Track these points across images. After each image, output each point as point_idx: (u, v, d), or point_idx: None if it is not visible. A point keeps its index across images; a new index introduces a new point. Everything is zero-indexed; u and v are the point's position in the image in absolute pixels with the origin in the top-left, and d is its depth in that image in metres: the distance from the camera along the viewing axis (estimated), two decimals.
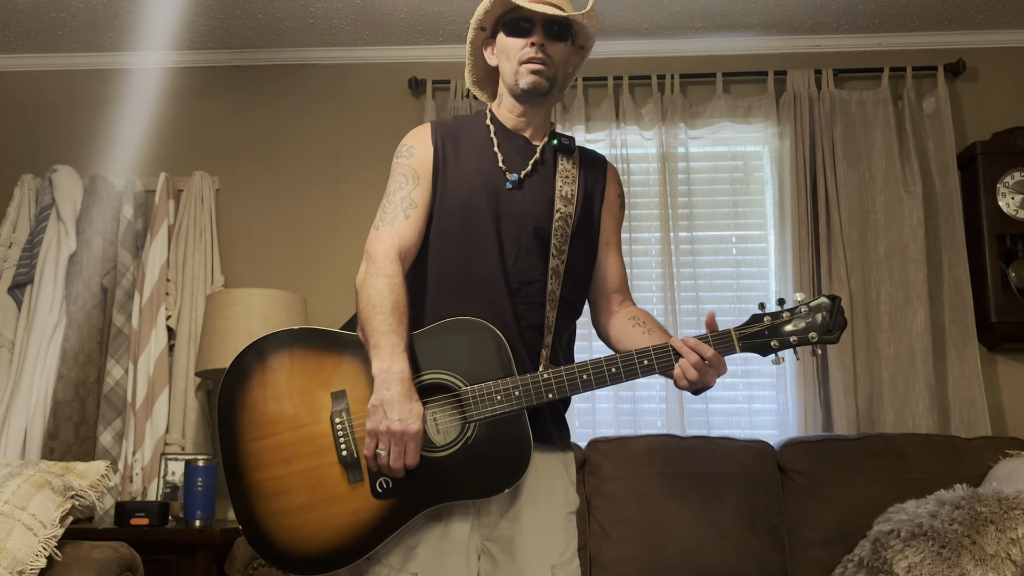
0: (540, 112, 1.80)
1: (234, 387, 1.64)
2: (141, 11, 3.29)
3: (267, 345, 1.67)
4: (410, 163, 1.76)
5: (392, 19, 3.35)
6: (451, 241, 1.72)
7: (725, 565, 2.65)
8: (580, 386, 1.62)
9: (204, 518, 2.73)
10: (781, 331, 1.64)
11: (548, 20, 1.71)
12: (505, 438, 1.59)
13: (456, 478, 1.58)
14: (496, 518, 1.65)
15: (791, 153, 3.29)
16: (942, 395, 3.14)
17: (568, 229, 1.74)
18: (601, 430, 3.18)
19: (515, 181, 1.74)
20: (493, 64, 1.82)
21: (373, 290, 1.62)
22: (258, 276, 3.42)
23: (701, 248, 3.35)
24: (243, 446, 1.62)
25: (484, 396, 1.58)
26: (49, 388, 3.18)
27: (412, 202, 1.73)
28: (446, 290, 1.70)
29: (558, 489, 1.72)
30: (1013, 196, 3.19)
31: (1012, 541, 2.18)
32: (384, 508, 1.58)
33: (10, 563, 2.05)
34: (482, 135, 1.79)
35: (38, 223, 3.36)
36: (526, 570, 1.63)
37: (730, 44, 3.49)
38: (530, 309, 1.70)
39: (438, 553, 1.62)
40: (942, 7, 3.27)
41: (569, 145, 1.81)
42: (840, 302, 1.64)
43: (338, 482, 1.58)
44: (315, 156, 3.53)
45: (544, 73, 1.72)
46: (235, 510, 1.61)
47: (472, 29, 1.81)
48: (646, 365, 1.62)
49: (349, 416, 1.60)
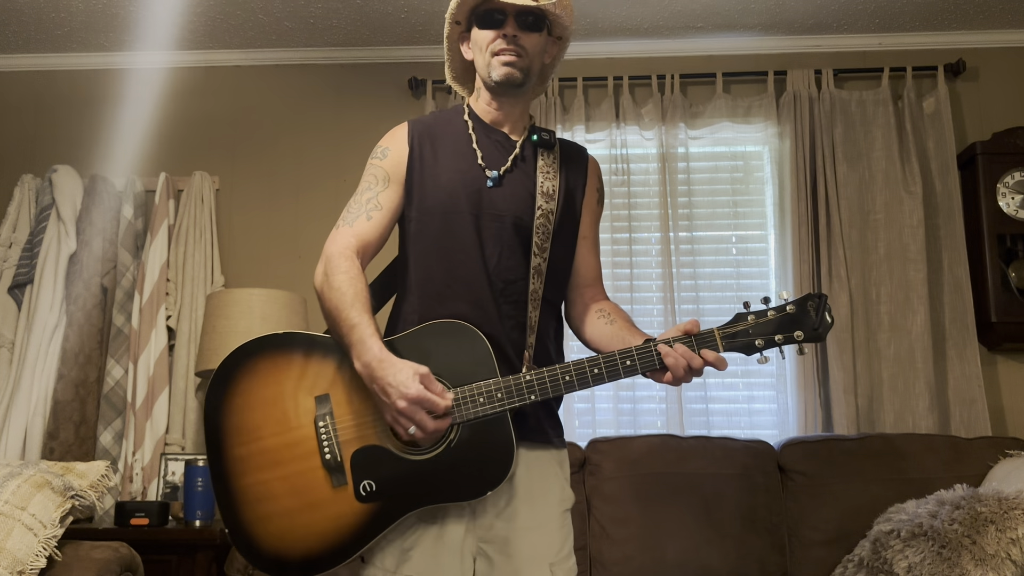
0: (517, 105, 1.78)
1: (219, 393, 1.64)
2: (141, 11, 3.29)
3: (251, 350, 1.66)
4: (382, 164, 1.75)
5: (392, 19, 3.35)
6: (432, 242, 1.70)
7: (725, 565, 2.65)
8: (563, 387, 1.60)
9: (204, 518, 2.73)
10: (766, 330, 1.60)
11: (521, 11, 1.68)
12: (488, 441, 1.58)
13: (440, 481, 1.57)
14: (491, 518, 1.65)
15: (791, 153, 3.29)
16: (942, 395, 3.14)
17: (550, 226, 1.72)
18: (601, 430, 3.18)
19: (495, 179, 1.71)
20: (469, 58, 1.79)
21: (332, 290, 1.62)
22: (258, 276, 3.42)
23: (701, 248, 3.35)
24: (228, 451, 1.62)
25: (467, 399, 1.57)
26: (49, 388, 3.18)
27: (378, 204, 1.72)
28: (429, 292, 1.69)
29: (553, 487, 1.71)
30: (1013, 196, 3.19)
31: (1012, 541, 2.18)
32: (368, 511, 1.57)
33: (10, 563, 2.05)
34: (460, 131, 1.77)
35: (38, 223, 3.36)
36: (524, 569, 1.63)
37: (730, 44, 3.49)
38: (515, 308, 1.69)
39: (432, 555, 1.62)
40: (942, 7, 3.27)
41: (549, 139, 1.77)
42: (827, 300, 1.60)
43: (322, 486, 1.58)
44: (315, 156, 3.53)
45: (517, 64, 1.69)
46: (222, 515, 1.61)
47: (447, 23, 1.78)
48: (628, 366, 1.60)
49: (333, 420, 1.60)
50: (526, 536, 1.64)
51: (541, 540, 1.66)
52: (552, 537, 1.68)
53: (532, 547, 1.64)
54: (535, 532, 1.66)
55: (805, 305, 1.60)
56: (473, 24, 1.74)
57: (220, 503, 1.61)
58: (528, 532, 1.65)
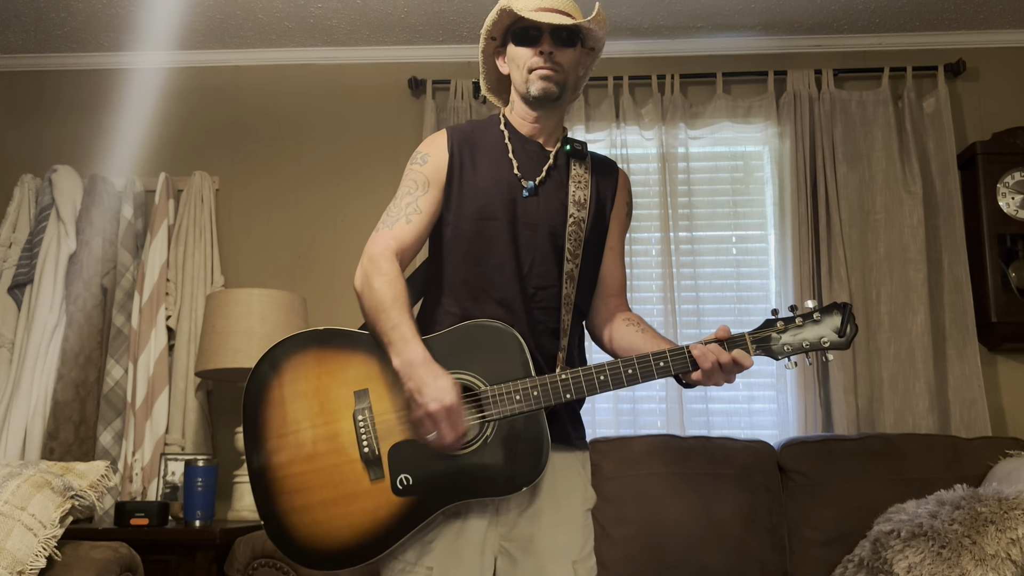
0: (553, 117, 1.83)
1: (259, 385, 1.67)
2: (141, 11, 3.29)
3: (292, 345, 1.69)
4: (423, 170, 1.78)
5: (392, 19, 3.35)
6: (468, 247, 1.74)
7: (725, 565, 2.65)
8: (597, 387, 1.64)
9: (204, 518, 2.73)
10: (794, 336, 1.68)
11: (556, 28, 1.73)
12: (523, 438, 1.61)
13: (475, 476, 1.60)
14: (515, 517, 1.68)
15: (791, 153, 3.29)
16: (942, 395, 3.14)
17: (582, 234, 1.77)
18: (601, 430, 3.18)
19: (531, 188, 1.76)
20: (505, 72, 1.85)
21: (372, 291, 1.65)
22: (258, 276, 3.43)
23: (701, 248, 3.35)
24: (266, 443, 1.64)
25: (503, 396, 1.61)
26: (49, 388, 3.18)
27: (417, 208, 1.75)
28: (463, 295, 1.73)
29: (576, 486, 1.75)
30: (1013, 196, 3.19)
31: (1012, 541, 2.18)
32: (404, 505, 1.60)
33: (10, 563, 2.05)
34: (497, 141, 1.82)
35: (38, 223, 3.35)
36: (548, 566, 1.66)
37: (730, 44, 3.49)
38: (545, 314, 1.74)
39: (453, 549, 1.64)
40: (942, 7, 3.27)
41: (582, 150, 1.83)
42: (851, 309, 1.68)
43: (359, 479, 1.61)
44: (315, 156, 3.53)
45: (554, 79, 1.75)
46: (257, 505, 1.63)
47: (483, 39, 1.84)
48: (662, 367, 1.65)
49: (371, 414, 1.63)
50: (550, 533, 1.68)
51: (565, 538, 1.69)
52: (575, 535, 1.71)
53: (556, 544, 1.68)
54: (559, 529, 1.69)
55: (831, 313, 1.68)
56: (509, 40, 1.79)
57: (256, 493, 1.64)
58: (552, 529, 1.68)
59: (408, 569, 1.64)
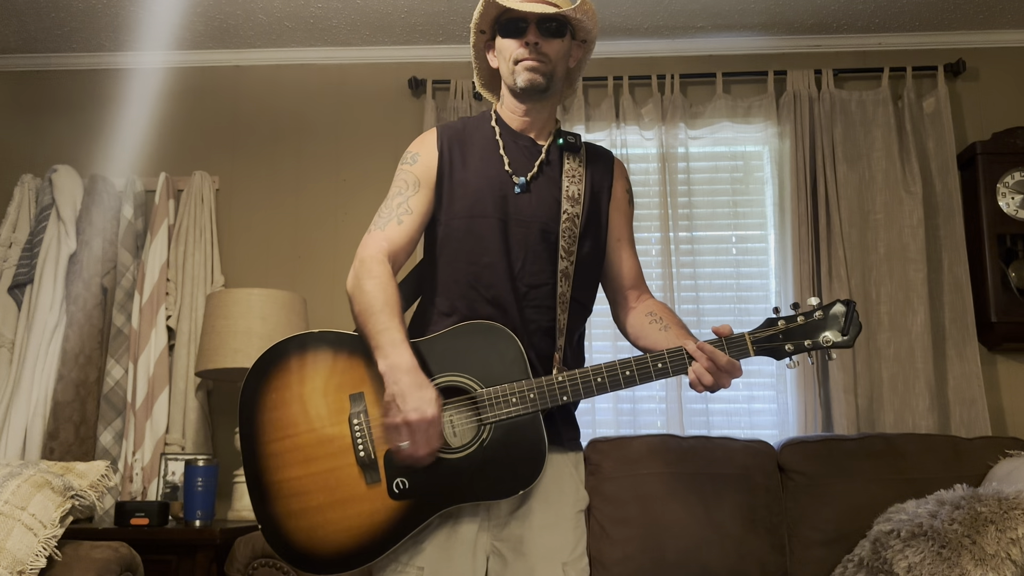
0: (544, 111, 1.81)
1: (255, 389, 1.66)
2: (141, 11, 3.29)
3: (288, 348, 1.68)
4: (412, 170, 1.77)
5: (392, 19, 3.35)
6: (459, 246, 1.73)
7: (725, 565, 2.65)
8: (595, 389, 1.63)
9: (204, 518, 2.73)
10: (795, 335, 1.65)
11: (542, 18, 1.71)
12: (520, 441, 1.60)
13: (472, 480, 1.59)
14: (506, 518, 1.67)
15: (791, 153, 3.29)
16: (942, 395, 3.14)
17: (576, 229, 1.75)
18: (601, 430, 3.18)
19: (523, 185, 1.74)
20: (495, 66, 1.83)
21: (363, 293, 1.64)
22: (258, 276, 3.43)
23: (701, 248, 3.35)
24: (263, 447, 1.63)
25: (500, 398, 1.60)
26: (49, 388, 3.18)
27: (408, 208, 1.74)
28: (455, 294, 1.72)
29: (568, 488, 1.74)
30: (1013, 196, 3.19)
31: (1012, 541, 2.18)
32: (401, 509, 1.59)
33: (10, 563, 2.05)
34: (488, 137, 1.80)
35: (38, 223, 3.35)
36: (537, 567, 1.65)
37: (730, 44, 3.49)
38: (538, 312, 1.71)
39: (444, 549, 1.64)
40: (942, 7, 3.27)
41: (575, 144, 1.81)
42: (855, 306, 1.64)
43: (356, 483, 1.60)
44: (315, 156, 3.53)
45: (539, 70, 1.72)
46: (254, 510, 1.63)
47: (472, 33, 1.82)
48: (660, 368, 1.63)
49: (367, 417, 1.61)
50: (540, 535, 1.67)
51: (555, 539, 1.68)
52: (566, 537, 1.70)
53: (546, 546, 1.66)
54: (549, 531, 1.68)
55: (834, 311, 1.65)
56: (497, 33, 1.77)
57: (252, 497, 1.63)
58: (542, 531, 1.67)
59: (400, 569, 1.63)
